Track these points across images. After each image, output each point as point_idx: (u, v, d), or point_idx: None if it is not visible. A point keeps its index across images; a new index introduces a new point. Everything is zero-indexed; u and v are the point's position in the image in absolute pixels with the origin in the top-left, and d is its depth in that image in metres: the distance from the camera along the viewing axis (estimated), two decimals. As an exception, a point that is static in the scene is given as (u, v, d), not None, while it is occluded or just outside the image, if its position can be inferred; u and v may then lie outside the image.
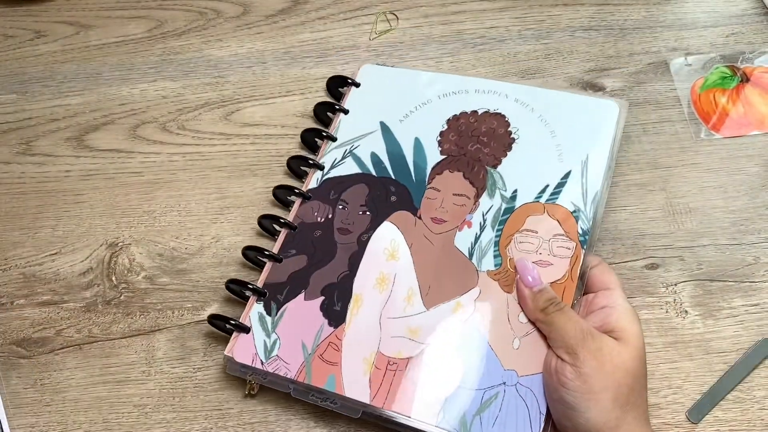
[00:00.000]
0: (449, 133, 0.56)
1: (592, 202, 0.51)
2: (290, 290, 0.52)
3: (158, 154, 0.61)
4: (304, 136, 0.60)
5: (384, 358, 0.48)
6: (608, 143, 0.53)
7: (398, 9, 0.68)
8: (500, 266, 0.50)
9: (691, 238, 0.56)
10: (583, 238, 0.50)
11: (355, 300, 0.50)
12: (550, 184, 0.52)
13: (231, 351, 0.50)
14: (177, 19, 0.68)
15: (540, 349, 0.46)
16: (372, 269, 0.51)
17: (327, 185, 0.56)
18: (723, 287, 0.54)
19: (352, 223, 0.54)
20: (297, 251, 0.53)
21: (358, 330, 0.49)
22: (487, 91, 0.58)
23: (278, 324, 0.50)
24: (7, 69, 0.66)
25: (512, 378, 0.46)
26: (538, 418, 0.45)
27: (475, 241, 0.51)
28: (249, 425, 0.51)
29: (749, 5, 0.66)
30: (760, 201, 0.57)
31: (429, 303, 0.49)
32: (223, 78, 0.65)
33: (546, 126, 0.55)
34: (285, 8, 0.68)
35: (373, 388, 0.47)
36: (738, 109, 0.61)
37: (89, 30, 0.68)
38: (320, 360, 0.48)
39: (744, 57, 0.63)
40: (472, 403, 0.46)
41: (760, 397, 0.50)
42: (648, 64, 0.63)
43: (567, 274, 0.49)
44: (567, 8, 0.67)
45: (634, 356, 0.44)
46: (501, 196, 0.53)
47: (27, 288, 0.56)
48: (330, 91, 0.63)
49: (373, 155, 0.56)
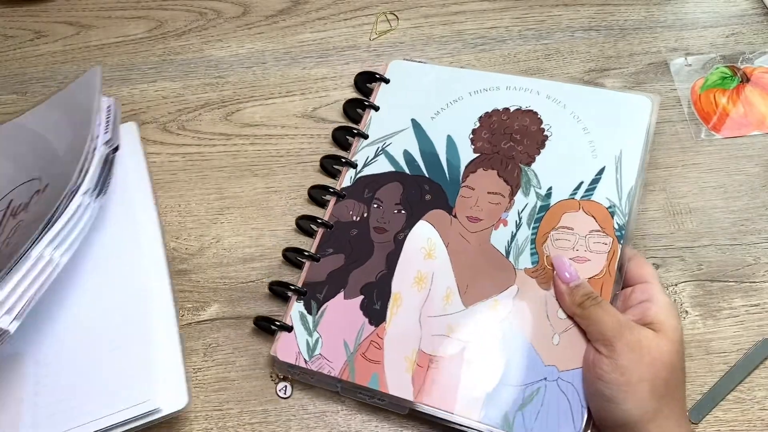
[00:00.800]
0: (482, 131, 0.56)
1: (627, 198, 0.51)
2: (329, 289, 0.52)
3: (158, 154, 0.61)
4: (335, 134, 0.60)
5: (425, 356, 0.49)
6: (641, 138, 0.53)
7: (398, 9, 0.68)
8: (537, 264, 0.50)
9: (691, 239, 0.56)
10: (619, 233, 0.50)
11: (395, 299, 0.51)
12: (585, 180, 0.52)
13: (275, 350, 0.50)
14: (177, 20, 0.68)
15: (580, 345, 0.47)
16: (410, 268, 0.52)
17: (361, 183, 0.56)
18: (723, 287, 0.54)
19: (387, 222, 0.54)
20: (334, 250, 0.54)
21: (398, 328, 0.50)
22: (519, 87, 0.58)
23: (319, 323, 0.51)
24: (7, 69, 0.66)
25: (553, 373, 0.47)
26: (580, 412, 0.45)
27: (512, 240, 0.51)
28: (249, 425, 0.51)
29: (749, 5, 0.66)
30: (760, 201, 0.57)
31: (468, 301, 0.50)
32: (223, 78, 0.65)
33: (578, 122, 0.55)
34: (285, 8, 0.68)
35: (416, 385, 0.48)
36: (738, 109, 0.61)
37: (89, 30, 0.68)
38: (363, 358, 0.49)
39: (744, 57, 0.63)
40: (514, 399, 0.46)
41: (760, 398, 0.50)
42: (648, 64, 0.63)
43: (605, 270, 0.49)
44: (567, 8, 0.67)
45: (672, 349, 0.44)
46: (536, 194, 0.53)
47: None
48: (358, 87, 0.63)
49: (406, 153, 0.57)
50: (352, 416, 0.51)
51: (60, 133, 0.56)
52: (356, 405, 0.51)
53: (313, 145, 0.61)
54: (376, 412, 0.50)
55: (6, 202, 0.54)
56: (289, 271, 0.56)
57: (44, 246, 0.46)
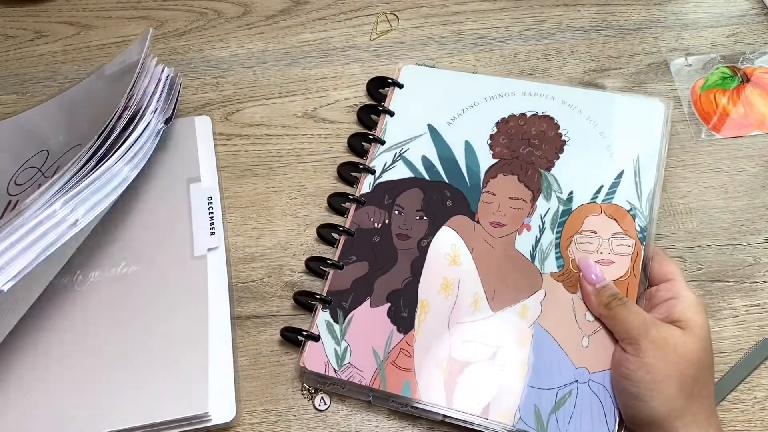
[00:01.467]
0: (499, 137, 0.57)
1: (647, 200, 0.52)
2: (355, 297, 0.52)
3: (159, 154, 0.61)
4: (351, 141, 0.60)
5: (456, 362, 0.49)
6: (657, 140, 0.54)
7: (399, 9, 0.68)
8: (563, 267, 0.51)
9: (691, 239, 0.56)
10: (641, 234, 0.51)
11: (422, 306, 0.51)
12: (605, 184, 0.53)
13: (303, 361, 0.50)
14: (177, 20, 0.68)
15: (609, 346, 0.47)
16: (435, 275, 0.52)
17: (380, 190, 0.56)
18: (723, 287, 0.54)
19: (410, 229, 0.54)
20: (357, 257, 0.53)
21: (427, 335, 0.50)
22: (533, 93, 0.58)
23: (347, 331, 0.51)
24: (7, 69, 0.66)
25: (584, 375, 0.47)
26: (613, 412, 0.46)
27: (536, 244, 0.52)
28: (249, 426, 0.51)
29: (749, 5, 0.66)
30: (760, 201, 0.57)
31: (496, 307, 0.50)
32: (224, 78, 0.65)
33: (595, 127, 0.56)
34: (285, 8, 0.68)
35: (448, 392, 0.48)
36: (738, 109, 0.61)
37: (90, 30, 0.68)
38: (393, 366, 0.49)
39: (744, 57, 0.63)
40: (546, 402, 0.47)
41: (760, 398, 0.50)
42: (648, 64, 0.63)
43: (629, 271, 0.50)
44: (568, 8, 0.67)
45: (699, 347, 0.44)
46: (557, 199, 0.53)
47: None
48: (370, 93, 0.62)
49: (425, 159, 0.56)
50: (352, 416, 0.50)
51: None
52: (357, 405, 0.51)
53: (314, 145, 0.61)
54: (376, 412, 0.50)
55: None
56: (289, 271, 0.56)
57: (115, 161, 0.50)
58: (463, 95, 0.59)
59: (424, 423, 0.50)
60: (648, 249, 0.50)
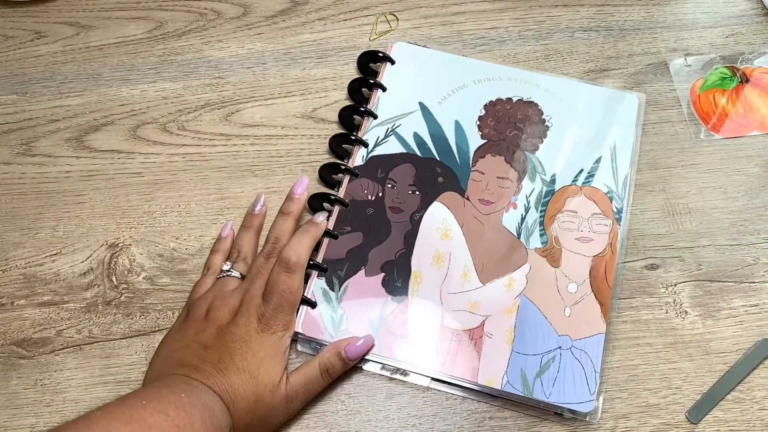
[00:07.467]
0: (488, 119, 0.59)
1: (623, 184, 0.56)
2: (350, 266, 0.54)
3: (158, 154, 0.61)
4: (342, 113, 0.61)
5: (448, 330, 0.52)
6: (632, 130, 0.59)
7: (398, 10, 0.68)
8: (546, 243, 0.54)
9: (690, 239, 0.56)
10: (618, 215, 0.55)
11: (415, 276, 0.53)
12: (584, 168, 0.57)
13: (299, 326, 0.51)
14: (177, 20, 0.68)
15: (590, 316, 0.51)
16: (428, 247, 0.54)
17: (373, 163, 0.58)
18: (723, 288, 0.54)
19: (403, 202, 0.56)
20: (352, 228, 0.55)
21: (420, 305, 0.53)
22: (518, 80, 0.61)
23: (342, 299, 0.53)
24: (7, 70, 0.66)
25: (567, 342, 0.51)
26: (594, 376, 0.50)
27: (522, 222, 0.55)
28: (249, 426, 0.51)
29: (749, 6, 0.66)
30: (759, 201, 0.57)
31: (484, 279, 0.53)
32: (223, 79, 0.65)
33: (575, 115, 0.59)
34: (285, 9, 0.68)
35: (440, 358, 0.51)
36: (737, 109, 0.61)
37: (89, 31, 0.68)
38: (388, 333, 0.51)
39: (743, 58, 0.63)
40: (532, 367, 0.50)
41: (759, 398, 0.50)
42: (648, 64, 0.63)
43: (607, 248, 0.54)
44: (567, 9, 0.67)
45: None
46: (541, 180, 0.57)
47: (27, 288, 0.56)
48: (360, 68, 0.63)
49: (416, 135, 0.59)
50: (352, 416, 0.51)
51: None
52: (357, 405, 0.51)
53: (313, 146, 0.61)
54: (377, 412, 0.50)
55: None
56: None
57: None
58: (453, 76, 0.61)
59: (420, 415, 0.50)
60: (623, 229, 0.54)
